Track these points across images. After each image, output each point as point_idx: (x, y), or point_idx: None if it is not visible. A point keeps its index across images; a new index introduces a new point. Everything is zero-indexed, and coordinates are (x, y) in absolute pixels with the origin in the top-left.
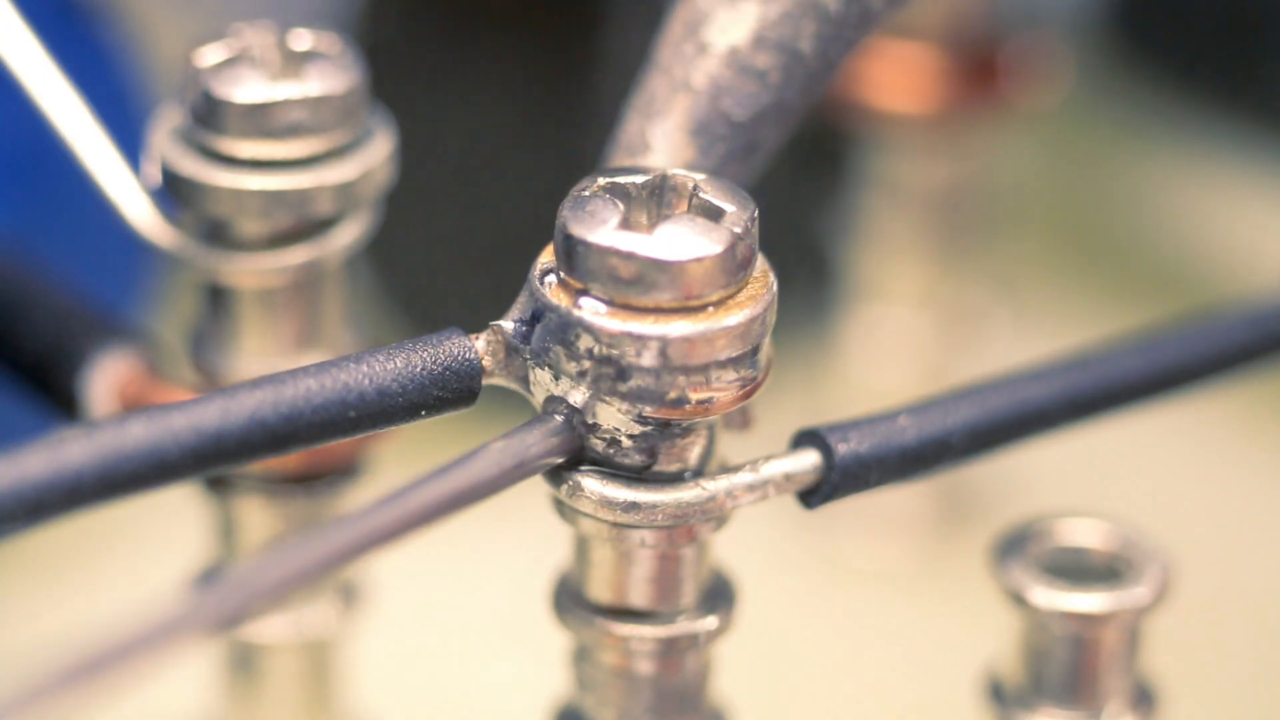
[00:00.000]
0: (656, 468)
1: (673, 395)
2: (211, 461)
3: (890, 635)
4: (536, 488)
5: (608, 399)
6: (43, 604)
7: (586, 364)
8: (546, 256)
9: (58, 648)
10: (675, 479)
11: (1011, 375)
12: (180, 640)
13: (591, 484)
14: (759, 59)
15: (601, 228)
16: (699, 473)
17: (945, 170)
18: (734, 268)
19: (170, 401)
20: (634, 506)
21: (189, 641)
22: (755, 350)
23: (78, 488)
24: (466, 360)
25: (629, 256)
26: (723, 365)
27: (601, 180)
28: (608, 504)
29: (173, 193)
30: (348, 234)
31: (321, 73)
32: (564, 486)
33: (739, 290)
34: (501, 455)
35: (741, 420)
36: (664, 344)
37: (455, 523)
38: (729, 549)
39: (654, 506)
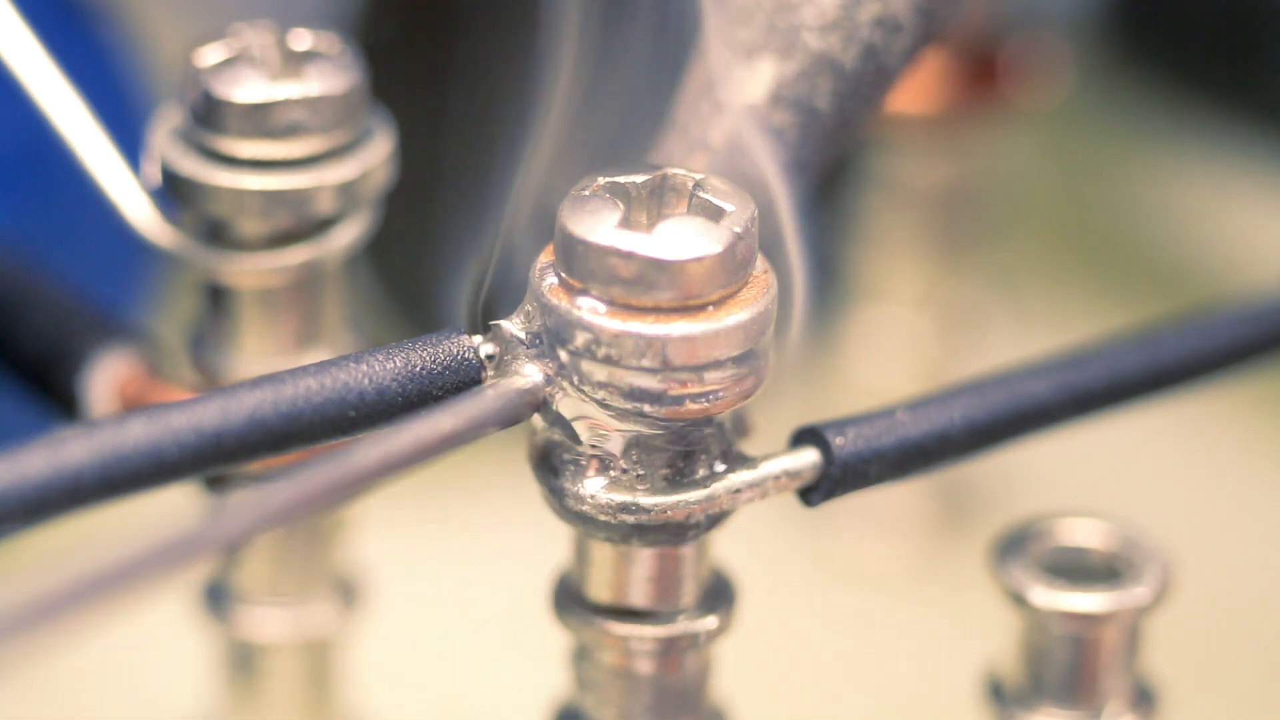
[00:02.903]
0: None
1: (673, 395)
2: (211, 461)
3: (890, 635)
4: (537, 487)
5: (608, 399)
6: None
7: (585, 364)
8: (546, 256)
9: (62, 564)
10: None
11: (1010, 371)
12: (176, 565)
13: (591, 485)
14: (776, 117)
15: (601, 227)
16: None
17: (946, 170)
18: (734, 267)
19: (170, 401)
20: (634, 508)
21: (184, 566)
22: (756, 350)
23: (78, 488)
24: (466, 360)
25: (629, 256)
26: (723, 365)
27: (601, 180)
28: (608, 505)
29: (173, 193)
30: (348, 234)
31: (321, 73)
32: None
33: (739, 290)
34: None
35: (740, 430)
36: (664, 344)
37: (454, 522)
38: (729, 549)
39: (654, 507)
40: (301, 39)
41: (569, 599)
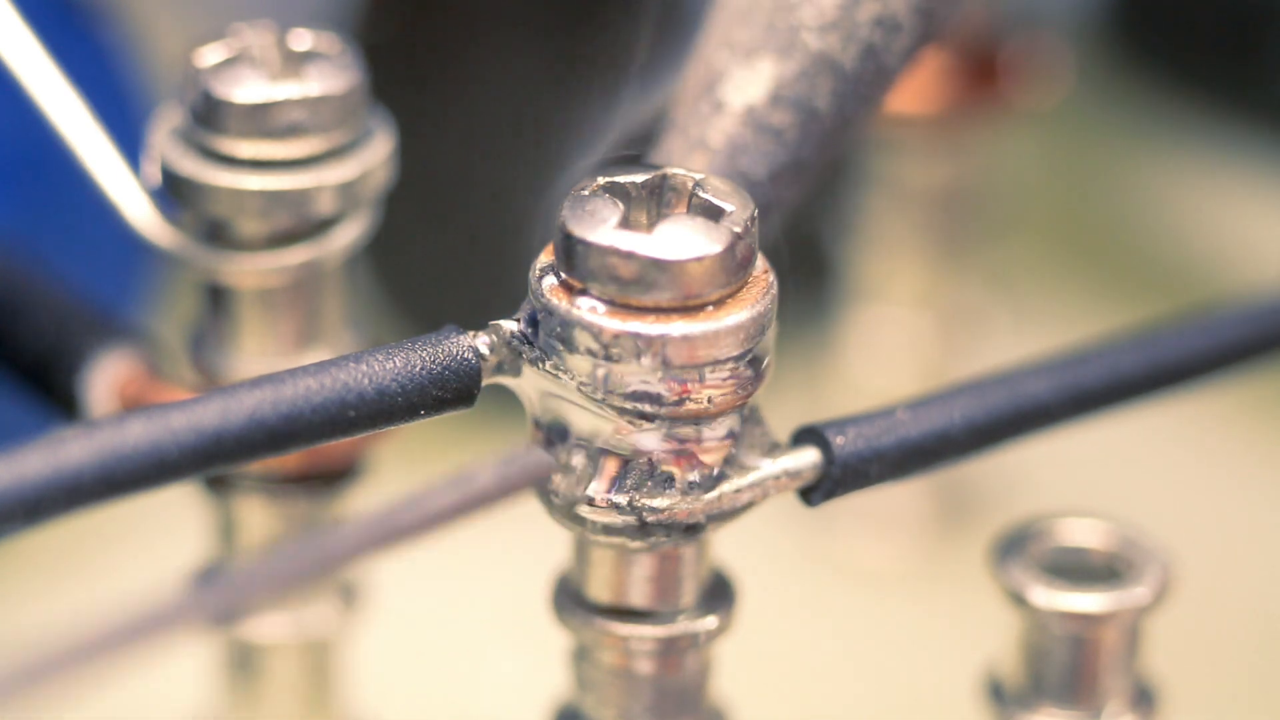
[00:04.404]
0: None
1: (672, 396)
2: (211, 461)
3: (890, 635)
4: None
5: (607, 401)
6: (43, 604)
7: (586, 364)
8: (546, 256)
9: (55, 632)
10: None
11: (1010, 370)
12: (175, 631)
13: (590, 487)
14: (776, 117)
15: (601, 227)
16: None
17: (945, 170)
18: (734, 267)
19: (170, 401)
20: (634, 509)
21: (184, 633)
22: (755, 350)
23: (78, 488)
24: (466, 360)
25: (629, 256)
26: (722, 365)
27: (601, 179)
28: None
29: (173, 193)
30: (348, 234)
31: (321, 73)
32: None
33: (739, 290)
34: (497, 469)
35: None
36: (664, 344)
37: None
38: (729, 549)
39: (654, 508)
40: (301, 39)
41: (569, 599)
